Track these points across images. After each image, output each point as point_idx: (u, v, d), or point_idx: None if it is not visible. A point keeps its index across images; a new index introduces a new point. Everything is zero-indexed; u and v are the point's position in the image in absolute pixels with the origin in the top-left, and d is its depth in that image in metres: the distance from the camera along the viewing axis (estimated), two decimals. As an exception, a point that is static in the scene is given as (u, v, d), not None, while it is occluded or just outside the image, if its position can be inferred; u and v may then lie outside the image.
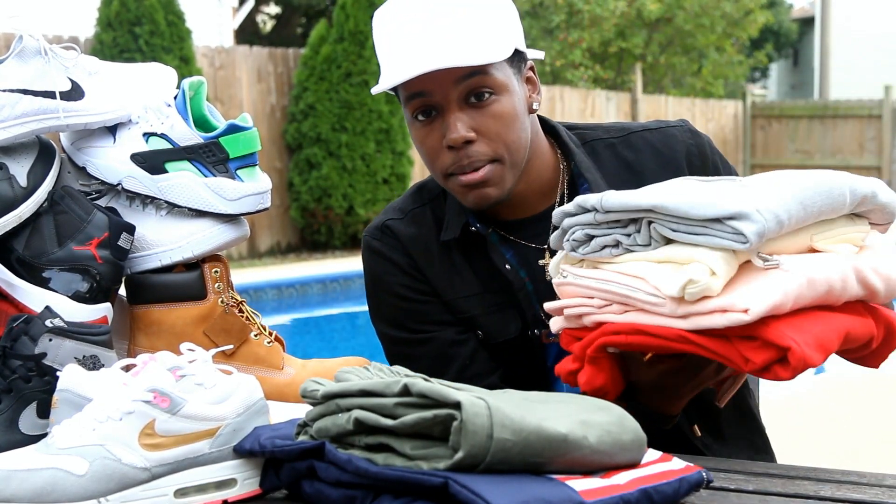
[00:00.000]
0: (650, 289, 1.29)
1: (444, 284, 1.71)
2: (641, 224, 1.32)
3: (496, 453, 1.04)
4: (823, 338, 1.26)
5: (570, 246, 1.39)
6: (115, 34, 9.71)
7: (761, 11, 19.97)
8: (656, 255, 1.31)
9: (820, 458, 4.05)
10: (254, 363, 1.55)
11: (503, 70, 1.59)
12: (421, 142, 1.62)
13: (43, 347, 1.34)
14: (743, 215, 1.23)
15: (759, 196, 1.27)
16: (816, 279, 1.27)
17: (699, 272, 1.24)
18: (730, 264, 1.26)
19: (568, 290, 1.41)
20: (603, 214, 1.34)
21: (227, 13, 14.18)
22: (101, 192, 1.57)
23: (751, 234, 1.22)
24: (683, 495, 1.14)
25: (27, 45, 1.51)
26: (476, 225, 1.68)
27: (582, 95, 15.45)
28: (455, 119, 1.56)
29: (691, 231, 1.27)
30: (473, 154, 1.57)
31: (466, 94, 1.57)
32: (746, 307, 1.22)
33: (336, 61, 10.98)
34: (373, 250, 1.76)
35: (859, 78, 22.64)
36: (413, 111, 1.60)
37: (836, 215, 1.35)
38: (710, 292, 1.25)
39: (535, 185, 1.69)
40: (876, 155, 16.38)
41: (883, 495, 1.22)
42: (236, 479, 1.23)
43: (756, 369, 1.25)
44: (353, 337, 8.78)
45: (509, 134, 1.58)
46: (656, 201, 1.29)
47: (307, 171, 11.12)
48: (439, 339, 1.70)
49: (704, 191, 1.31)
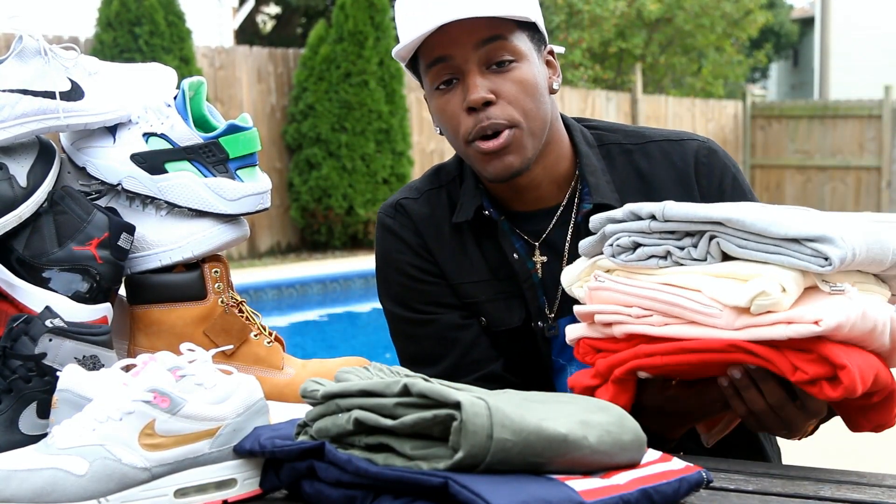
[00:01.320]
0: (706, 300, 1.27)
1: (453, 267, 1.72)
2: (700, 238, 1.29)
3: (496, 453, 1.04)
4: (865, 371, 1.26)
5: (611, 252, 1.36)
6: (115, 34, 9.71)
7: (761, 11, 19.96)
8: (714, 270, 1.28)
9: (820, 458, 4.05)
10: (254, 363, 1.55)
11: (523, 41, 1.61)
12: (441, 110, 1.63)
13: (43, 347, 1.34)
14: (828, 239, 1.23)
15: (838, 225, 1.27)
16: (868, 314, 1.27)
17: (771, 285, 1.23)
18: (799, 285, 1.25)
19: (603, 295, 1.37)
20: (660, 223, 1.31)
21: (227, 13, 14.18)
22: (101, 193, 1.57)
23: (835, 258, 1.22)
24: (683, 495, 1.14)
25: (27, 46, 1.51)
26: (489, 209, 1.69)
27: (582, 95, 15.45)
28: (475, 81, 1.58)
29: (763, 249, 1.26)
30: (493, 115, 1.58)
31: (487, 60, 1.58)
32: (818, 318, 1.22)
33: (335, 61, 10.98)
34: (385, 227, 1.77)
35: (859, 78, 22.63)
36: (433, 80, 1.62)
37: (876, 270, 1.35)
38: (778, 308, 1.23)
39: (552, 174, 1.69)
40: (876, 155, 16.36)
41: (883, 495, 1.22)
42: (236, 479, 1.23)
43: (804, 380, 1.24)
44: (353, 337, 8.79)
45: (529, 101, 1.60)
46: (731, 215, 1.27)
47: (307, 172, 11.12)
48: (442, 322, 1.71)
49: (778, 212, 1.29)
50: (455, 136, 1.63)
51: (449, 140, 1.66)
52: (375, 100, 11.05)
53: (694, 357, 1.29)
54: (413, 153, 11.85)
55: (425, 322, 1.73)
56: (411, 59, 1.65)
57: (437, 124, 1.68)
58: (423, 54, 1.61)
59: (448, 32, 1.56)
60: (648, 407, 1.42)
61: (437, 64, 1.60)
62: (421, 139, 12.42)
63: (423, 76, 1.64)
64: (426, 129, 12.51)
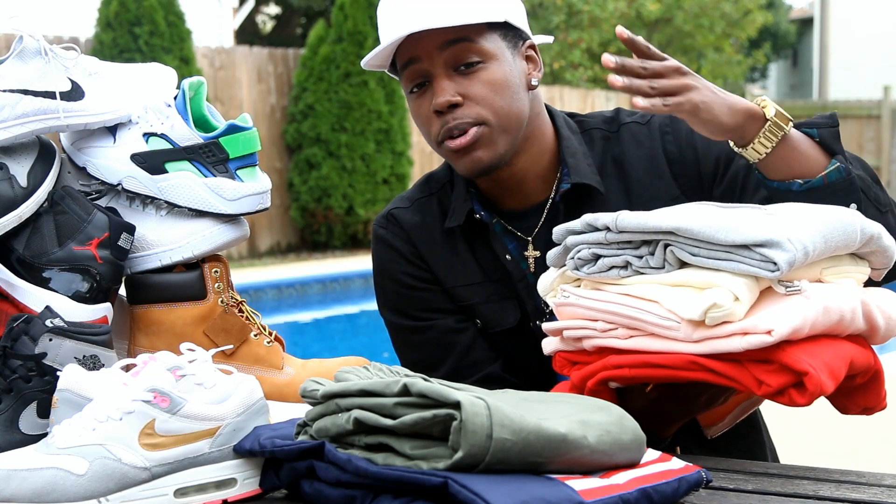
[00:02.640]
0: (664, 312, 1.27)
1: (446, 272, 1.74)
2: (656, 246, 1.30)
3: (496, 453, 1.04)
4: (834, 365, 1.26)
5: (574, 264, 1.36)
6: (115, 34, 9.71)
7: (760, 12, 19.97)
8: (670, 279, 1.29)
9: (819, 457, 4.05)
10: (254, 363, 1.55)
11: (493, 41, 1.62)
12: (416, 113, 1.67)
13: (43, 347, 1.35)
14: (774, 243, 1.22)
15: (788, 225, 1.26)
16: (831, 307, 1.27)
17: (723, 297, 1.23)
18: (752, 291, 1.25)
19: (569, 311, 1.38)
20: (615, 234, 1.31)
21: (227, 13, 14.18)
22: (102, 192, 1.57)
23: (782, 263, 1.21)
24: (683, 495, 1.15)
25: (27, 46, 1.51)
26: (480, 213, 1.70)
27: (581, 95, 15.46)
28: (441, 84, 1.60)
29: (713, 256, 1.25)
30: (459, 116, 1.60)
31: (454, 62, 1.60)
32: (770, 328, 1.21)
33: (335, 62, 10.98)
34: (378, 238, 1.79)
35: (858, 78, 22.63)
36: (407, 84, 1.65)
37: (845, 252, 1.35)
38: (732, 318, 1.23)
39: (536, 168, 1.70)
40: (875, 155, 16.37)
41: (882, 495, 1.22)
42: (236, 478, 1.23)
43: (770, 392, 1.24)
44: (353, 337, 8.79)
45: (499, 99, 1.61)
46: (679, 223, 1.27)
47: (307, 172, 11.12)
48: (439, 327, 1.73)
49: (728, 216, 1.29)
50: (427, 138, 1.67)
51: (425, 140, 1.70)
52: (375, 100, 11.05)
53: (659, 371, 1.30)
54: (413, 153, 11.85)
55: (423, 329, 1.74)
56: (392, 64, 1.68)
57: (416, 125, 1.71)
58: (397, 58, 1.65)
59: (414, 38, 1.59)
60: (633, 410, 1.43)
61: (407, 67, 1.63)
62: (421, 139, 12.42)
63: (400, 79, 1.68)
64: (426, 130, 12.51)
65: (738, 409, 1.54)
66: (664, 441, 1.50)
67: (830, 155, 1.51)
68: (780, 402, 1.26)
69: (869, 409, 1.39)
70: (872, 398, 1.38)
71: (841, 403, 1.39)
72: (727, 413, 1.52)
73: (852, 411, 1.40)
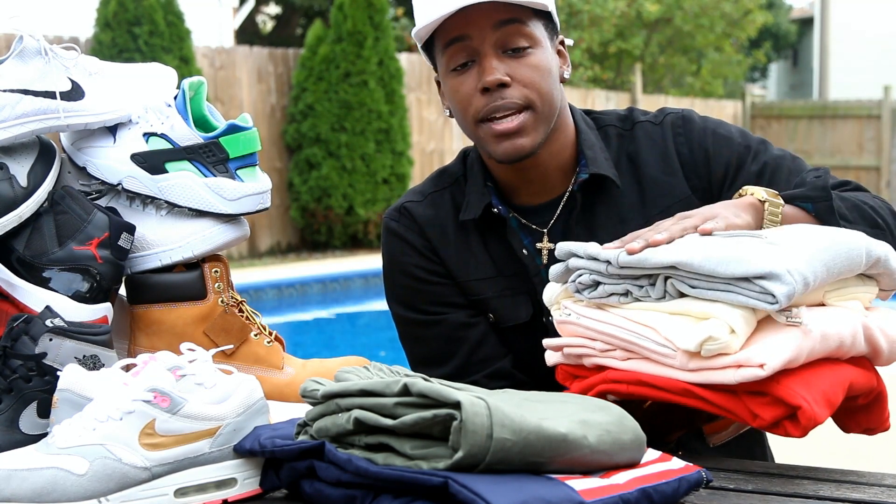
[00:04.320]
0: (661, 339, 1.28)
1: (459, 266, 1.74)
2: (657, 278, 1.30)
3: (496, 453, 1.04)
4: (830, 393, 1.26)
5: (576, 287, 1.37)
6: (114, 34, 9.71)
7: (760, 11, 19.96)
8: (669, 307, 1.29)
9: (819, 457, 4.04)
10: (254, 363, 1.55)
11: (539, 28, 1.65)
12: (455, 90, 1.65)
13: (43, 347, 1.35)
14: (774, 276, 1.22)
15: (788, 256, 1.26)
16: (830, 335, 1.27)
17: (719, 329, 1.23)
18: (749, 323, 1.25)
19: (570, 329, 1.39)
20: (617, 269, 1.32)
21: (228, 13, 14.18)
22: (102, 192, 1.57)
23: (781, 296, 1.21)
24: (683, 495, 1.15)
25: (27, 46, 1.51)
26: (498, 206, 1.71)
27: (582, 95, 15.45)
28: (491, 63, 1.60)
29: (712, 287, 1.26)
30: (507, 97, 1.61)
31: (504, 44, 1.61)
32: (762, 362, 1.22)
33: (335, 61, 10.98)
34: (390, 231, 1.79)
35: (859, 78, 22.62)
36: (449, 61, 1.64)
37: (850, 276, 1.35)
38: (728, 350, 1.24)
39: (558, 160, 1.72)
40: (875, 155, 16.37)
41: (882, 495, 1.22)
42: (236, 478, 1.23)
43: (765, 425, 1.25)
44: (353, 337, 8.79)
45: (543, 85, 1.63)
46: (680, 258, 1.27)
47: (307, 172, 11.12)
48: (450, 322, 1.73)
49: (729, 248, 1.29)
50: (465, 116, 1.66)
51: (458, 121, 1.69)
52: (375, 100, 11.05)
53: (655, 392, 1.31)
54: (413, 153, 11.84)
55: (433, 323, 1.74)
56: (427, 40, 1.67)
57: (449, 105, 1.71)
58: (440, 35, 1.63)
59: (467, 13, 1.58)
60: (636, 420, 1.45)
61: (453, 44, 1.63)
62: (421, 139, 12.42)
63: (438, 57, 1.67)
64: (426, 129, 12.51)
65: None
66: (667, 445, 1.50)
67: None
68: (775, 434, 1.27)
69: (871, 429, 1.39)
70: (875, 419, 1.38)
71: (843, 423, 1.40)
72: (731, 423, 1.52)
73: (854, 430, 1.40)
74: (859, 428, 1.39)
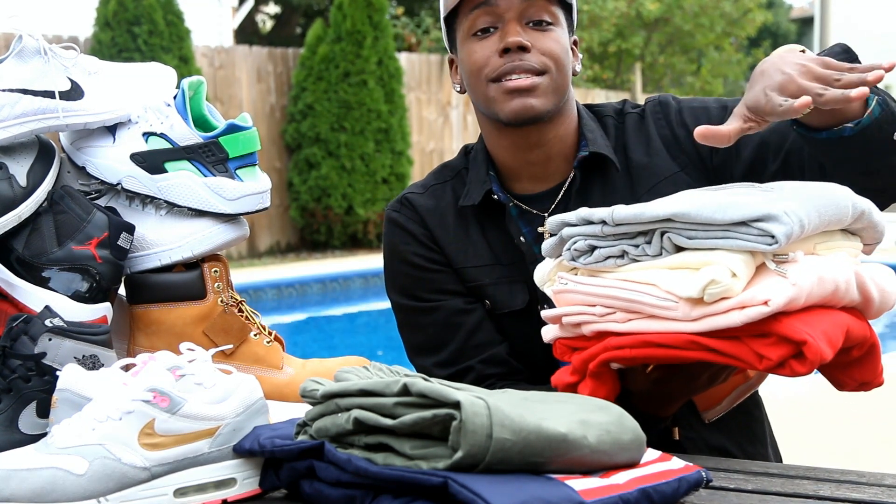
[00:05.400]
0: (662, 294, 1.28)
1: (457, 252, 1.78)
2: (653, 235, 1.31)
3: (496, 453, 1.04)
4: (831, 333, 1.26)
5: (571, 255, 1.37)
6: (114, 34, 9.72)
7: (760, 11, 19.97)
8: (667, 263, 1.30)
9: (819, 457, 4.05)
10: (253, 363, 1.55)
11: (561, 15, 1.72)
12: (472, 52, 1.70)
13: (43, 347, 1.34)
14: (772, 217, 1.23)
15: (783, 199, 1.27)
16: (826, 278, 1.28)
17: (720, 273, 1.24)
18: (749, 267, 1.26)
19: (567, 297, 1.39)
20: (612, 227, 1.33)
21: (227, 13, 14.19)
22: (101, 192, 1.57)
23: (780, 235, 1.22)
24: (683, 495, 1.14)
25: (27, 45, 1.51)
26: (498, 193, 1.75)
27: (582, 95, 15.46)
28: (514, 28, 1.67)
29: (711, 236, 1.26)
30: (526, 59, 1.67)
31: (528, 16, 1.68)
32: (766, 299, 1.22)
33: (334, 61, 10.98)
34: (391, 221, 1.83)
35: (858, 78, 22.57)
36: (472, 26, 1.70)
37: (838, 227, 1.36)
38: (730, 293, 1.24)
39: (560, 146, 1.76)
40: (875, 155, 16.38)
41: (882, 495, 1.22)
42: (236, 478, 1.23)
43: (772, 366, 1.25)
44: (353, 337, 8.79)
45: (562, 58, 1.69)
46: (676, 209, 1.28)
47: (306, 171, 11.12)
48: (447, 308, 1.76)
49: (723, 196, 1.30)
50: (478, 77, 1.70)
51: (470, 86, 1.73)
52: (374, 99, 11.06)
53: (659, 351, 1.31)
54: (412, 153, 11.85)
55: (430, 310, 1.77)
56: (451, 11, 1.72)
57: (462, 74, 1.76)
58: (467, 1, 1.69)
59: None
60: (635, 392, 1.46)
61: (479, 7, 1.68)
62: (420, 139, 12.42)
63: (461, 22, 1.72)
64: (425, 129, 12.51)
65: (736, 393, 1.56)
66: (665, 420, 1.52)
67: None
68: (781, 374, 1.26)
69: (866, 383, 1.39)
70: (869, 372, 1.38)
71: (837, 379, 1.39)
72: (724, 396, 1.54)
73: (849, 386, 1.40)
74: (854, 383, 1.39)
